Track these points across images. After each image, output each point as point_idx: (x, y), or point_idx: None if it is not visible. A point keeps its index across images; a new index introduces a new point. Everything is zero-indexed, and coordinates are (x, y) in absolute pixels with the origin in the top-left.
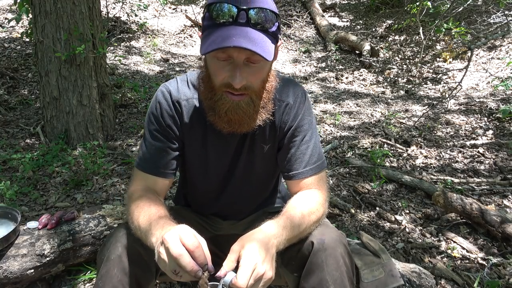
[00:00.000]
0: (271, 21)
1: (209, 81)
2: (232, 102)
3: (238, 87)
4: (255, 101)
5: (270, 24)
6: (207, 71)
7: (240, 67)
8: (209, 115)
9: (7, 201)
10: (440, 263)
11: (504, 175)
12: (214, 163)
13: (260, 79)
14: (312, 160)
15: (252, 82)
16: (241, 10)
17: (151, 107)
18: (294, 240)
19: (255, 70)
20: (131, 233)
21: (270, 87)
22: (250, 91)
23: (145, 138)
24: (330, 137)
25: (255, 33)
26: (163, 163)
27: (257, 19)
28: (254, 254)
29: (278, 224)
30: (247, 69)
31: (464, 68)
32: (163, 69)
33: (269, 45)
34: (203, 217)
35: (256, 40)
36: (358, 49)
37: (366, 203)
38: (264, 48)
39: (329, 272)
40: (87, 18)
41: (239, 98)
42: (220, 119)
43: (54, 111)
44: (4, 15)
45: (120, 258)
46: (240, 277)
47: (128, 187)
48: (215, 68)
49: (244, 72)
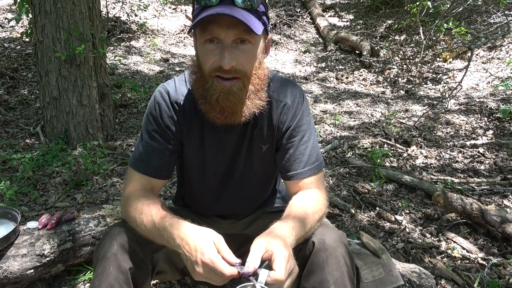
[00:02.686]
0: (256, 1)
1: (200, 69)
2: (223, 87)
3: (228, 67)
4: (247, 86)
5: (256, 2)
6: (198, 60)
7: (229, 48)
8: (200, 104)
9: (7, 201)
10: (440, 263)
11: (504, 175)
12: (212, 163)
13: (250, 63)
14: (311, 160)
15: (242, 65)
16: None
17: (150, 107)
18: (301, 240)
19: (245, 51)
20: (127, 231)
21: (262, 75)
22: (242, 75)
23: (142, 138)
24: (330, 137)
25: (241, 11)
26: (159, 164)
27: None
28: (284, 249)
29: (288, 224)
30: (236, 51)
31: (464, 68)
32: (163, 69)
33: (256, 22)
34: (202, 217)
35: (244, 15)
36: (358, 49)
37: (366, 203)
38: (249, 21)
39: (330, 272)
40: (87, 18)
41: (230, 83)
42: (212, 107)
43: (54, 111)
44: (4, 15)
45: (116, 256)
46: (278, 270)
47: (124, 186)
48: (204, 53)
49: (233, 54)
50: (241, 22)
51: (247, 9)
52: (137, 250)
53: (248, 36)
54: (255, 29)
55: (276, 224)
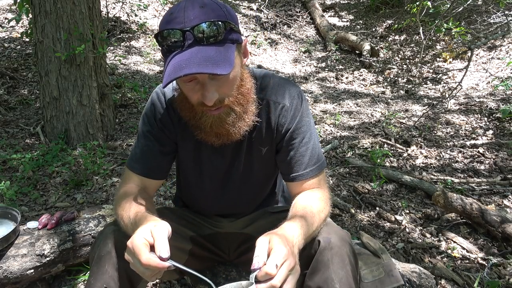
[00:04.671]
0: (219, 29)
1: (187, 101)
2: (213, 116)
3: (211, 104)
4: (235, 109)
5: (219, 34)
6: (183, 93)
7: (206, 85)
8: (196, 134)
9: (7, 201)
10: (440, 263)
11: (504, 175)
12: (208, 166)
13: (231, 89)
14: (312, 161)
15: (224, 93)
16: (185, 31)
17: (146, 108)
18: (308, 239)
19: (223, 82)
20: (120, 230)
21: (246, 90)
22: (226, 102)
23: (138, 138)
24: (330, 137)
25: (206, 50)
26: (154, 165)
27: (204, 34)
28: (283, 246)
29: (296, 224)
30: (215, 82)
31: (464, 68)
32: (163, 69)
33: (225, 55)
34: (201, 216)
35: (209, 57)
36: (358, 49)
37: (366, 203)
38: (218, 63)
39: (334, 270)
40: (87, 18)
41: (218, 112)
42: (208, 134)
43: (54, 111)
44: (4, 15)
45: (110, 254)
46: (270, 264)
47: (119, 186)
48: (187, 91)
49: (213, 87)
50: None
51: (212, 43)
52: None
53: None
54: (223, 70)
55: (284, 224)
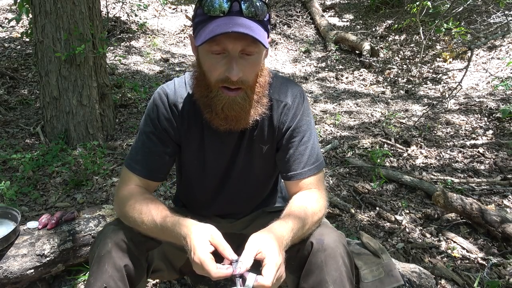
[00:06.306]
0: (263, 10)
1: (204, 78)
2: (228, 98)
3: (236, 79)
4: (250, 96)
5: (263, 13)
6: (201, 68)
7: (236, 59)
8: (205, 113)
9: (7, 201)
10: (440, 263)
11: (504, 175)
12: (212, 164)
13: (254, 73)
14: (311, 160)
15: (247, 76)
16: (234, 1)
17: (148, 109)
18: (297, 241)
19: (250, 62)
20: (121, 229)
21: (264, 82)
22: (245, 86)
23: (139, 139)
24: (330, 137)
25: (249, 22)
26: (155, 166)
27: (250, 9)
28: (277, 254)
29: (287, 224)
30: (243, 61)
31: (464, 68)
32: (163, 69)
33: (264, 34)
34: (200, 217)
35: (252, 28)
36: (358, 49)
37: (366, 203)
38: (258, 33)
39: (328, 272)
40: (87, 18)
41: (235, 94)
42: (217, 116)
43: (54, 111)
44: (4, 15)
45: (110, 254)
46: (266, 277)
47: (118, 186)
48: (210, 63)
49: (240, 65)
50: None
51: (254, 19)
52: (132, 248)
53: (254, 47)
54: (263, 41)
55: (275, 223)
